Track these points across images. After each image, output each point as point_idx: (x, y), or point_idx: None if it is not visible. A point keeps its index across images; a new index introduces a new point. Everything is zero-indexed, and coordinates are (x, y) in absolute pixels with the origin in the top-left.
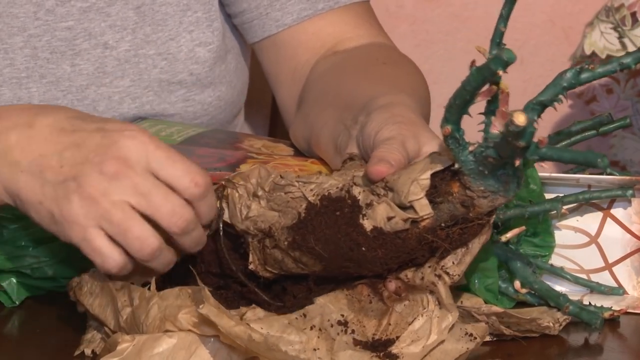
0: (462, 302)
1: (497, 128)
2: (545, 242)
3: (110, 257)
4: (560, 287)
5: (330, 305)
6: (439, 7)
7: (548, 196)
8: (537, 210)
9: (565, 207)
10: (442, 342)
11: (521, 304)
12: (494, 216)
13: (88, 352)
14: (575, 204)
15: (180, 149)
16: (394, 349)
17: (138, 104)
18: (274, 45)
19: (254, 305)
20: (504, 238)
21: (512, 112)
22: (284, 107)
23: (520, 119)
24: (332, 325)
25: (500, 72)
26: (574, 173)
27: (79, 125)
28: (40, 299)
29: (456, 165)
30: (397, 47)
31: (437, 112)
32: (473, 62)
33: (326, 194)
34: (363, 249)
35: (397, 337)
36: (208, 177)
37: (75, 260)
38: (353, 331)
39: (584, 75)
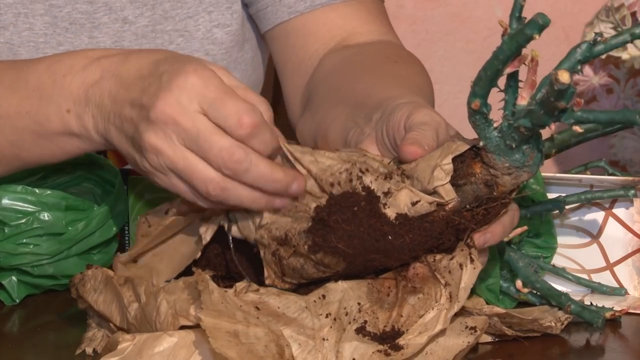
0: None
1: (524, 99)
2: (547, 243)
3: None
4: (562, 288)
5: (350, 291)
6: (439, 7)
7: (550, 196)
8: (539, 209)
9: (567, 206)
10: (444, 331)
11: (522, 304)
12: (514, 193)
13: (89, 350)
14: (577, 204)
15: None
16: (401, 341)
17: None
18: (285, 32)
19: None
20: (506, 238)
21: (555, 71)
22: (289, 98)
23: (565, 77)
24: (346, 314)
25: (536, 36)
26: (577, 173)
27: (155, 69)
28: (40, 297)
29: (480, 144)
30: (404, 47)
31: (438, 112)
32: (505, 30)
33: (333, 188)
34: (390, 237)
35: (407, 330)
36: (258, 115)
37: (75, 258)
38: (365, 322)
39: (597, 48)
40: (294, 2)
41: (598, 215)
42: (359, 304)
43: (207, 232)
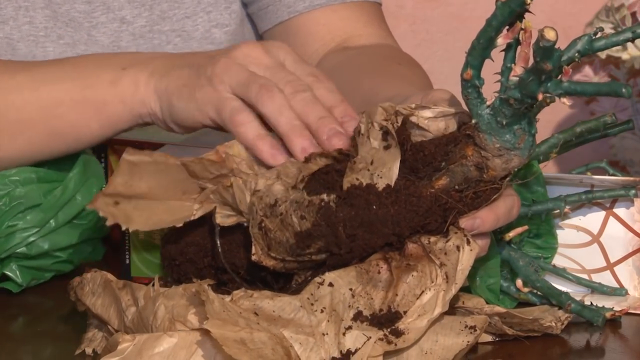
0: (463, 302)
1: (517, 73)
2: (547, 243)
3: (241, 111)
4: (562, 288)
5: (339, 280)
6: (439, 7)
7: (551, 196)
8: (540, 209)
9: (567, 206)
10: (445, 328)
11: (523, 304)
12: (507, 179)
13: (89, 351)
14: (578, 203)
15: (184, 148)
16: (401, 325)
17: None
18: (285, 32)
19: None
20: (506, 237)
21: (543, 28)
22: None
23: (551, 34)
24: (340, 303)
25: (529, 1)
26: (577, 173)
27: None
28: (37, 295)
29: (472, 121)
30: (402, 50)
31: None
32: None
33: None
34: (374, 207)
35: (405, 312)
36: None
37: (65, 229)
38: (361, 307)
39: (598, 43)
40: (294, 1)
41: (598, 215)
42: (350, 289)
43: (199, 210)
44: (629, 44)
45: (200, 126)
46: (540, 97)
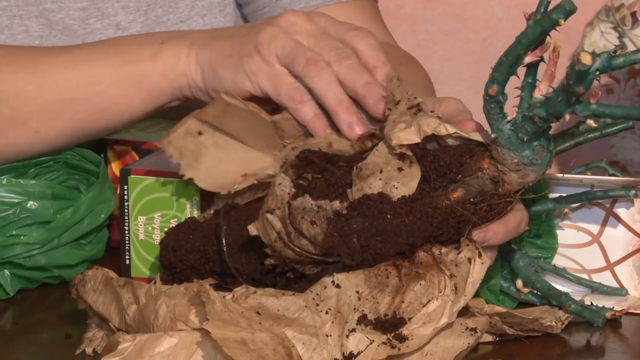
0: None
1: (541, 91)
2: (548, 243)
3: (298, 88)
4: (562, 288)
5: (346, 282)
6: (439, 7)
7: (551, 196)
8: (540, 209)
9: (568, 206)
10: (449, 325)
11: (523, 304)
12: (520, 193)
13: (89, 350)
14: (578, 204)
15: None
16: (405, 330)
17: None
18: None
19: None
20: None
21: (579, 52)
22: None
23: (587, 59)
24: (346, 305)
25: (562, 22)
26: (577, 173)
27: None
28: (33, 294)
29: (492, 135)
30: (400, 47)
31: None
32: (531, 14)
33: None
34: (388, 216)
35: (410, 319)
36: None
37: (66, 248)
38: (366, 310)
39: (617, 61)
40: (289, 2)
41: (598, 215)
42: (357, 292)
43: (242, 183)
44: (629, 45)
45: (247, 95)
46: (567, 117)
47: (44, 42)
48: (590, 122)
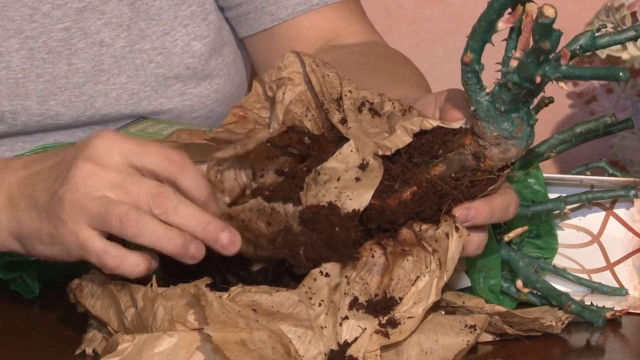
0: (464, 302)
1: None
2: (548, 244)
3: (107, 252)
4: (562, 288)
5: (334, 269)
6: (439, 7)
7: (551, 196)
8: (540, 209)
9: (567, 207)
10: (445, 327)
11: (523, 304)
12: (506, 171)
13: (89, 351)
14: (578, 204)
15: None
16: (396, 313)
17: (135, 99)
18: (269, 38)
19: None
20: (506, 238)
21: (542, 5)
22: None
23: (550, 12)
24: (337, 293)
25: None
26: (577, 174)
27: (57, 148)
28: (38, 297)
29: (472, 108)
30: (388, 45)
31: None
32: None
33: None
34: (337, 229)
35: (400, 299)
36: (183, 154)
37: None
38: (356, 293)
39: (601, 41)
40: (276, 9)
41: (598, 215)
42: (346, 277)
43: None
44: (629, 44)
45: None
46: (538, 79)
47: (27, 74)
48: (562, 85)
